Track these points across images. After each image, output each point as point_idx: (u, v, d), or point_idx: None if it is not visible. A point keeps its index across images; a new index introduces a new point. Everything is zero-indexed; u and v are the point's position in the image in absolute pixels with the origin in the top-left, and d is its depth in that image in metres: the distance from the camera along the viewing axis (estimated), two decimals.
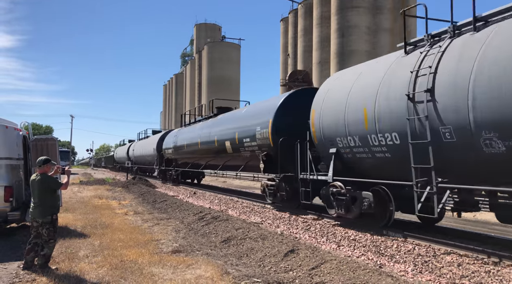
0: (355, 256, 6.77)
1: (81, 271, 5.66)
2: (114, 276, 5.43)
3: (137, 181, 25.25)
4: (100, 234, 8.37)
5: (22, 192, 8.61)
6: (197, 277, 5.38)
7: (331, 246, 7.50)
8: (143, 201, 15.65)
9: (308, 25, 51.35)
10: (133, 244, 7.33)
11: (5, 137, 8.04)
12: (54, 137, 9.67)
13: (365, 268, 5.44)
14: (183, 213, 11.76)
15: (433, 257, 6.35)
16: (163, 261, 6.16)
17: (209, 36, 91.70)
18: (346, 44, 38.65)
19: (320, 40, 45.54)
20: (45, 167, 6.01)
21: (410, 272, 5.79)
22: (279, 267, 6.09)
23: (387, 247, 7.10)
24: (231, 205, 13.77)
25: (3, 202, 7.76)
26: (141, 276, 5.39)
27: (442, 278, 5.47)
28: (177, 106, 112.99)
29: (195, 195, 17.90)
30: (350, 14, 38.76)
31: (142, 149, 34.75)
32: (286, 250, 6.68)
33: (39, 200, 5.84)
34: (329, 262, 5.81)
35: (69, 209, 12.26)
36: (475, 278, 5.39)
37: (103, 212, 11.84)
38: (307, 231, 8.97)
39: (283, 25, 64.66)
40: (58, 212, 6.08)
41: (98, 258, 6.39)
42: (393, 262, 6.33)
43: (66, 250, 6.96)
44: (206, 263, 6.06)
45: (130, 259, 6.24)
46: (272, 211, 11.76)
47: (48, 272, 5.56)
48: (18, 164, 8.61)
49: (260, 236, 7.82)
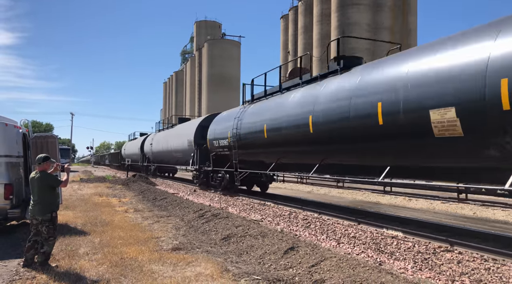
0: (355, 253, 6.78)
1: (81, 269, 5.66)
2: (114, 273, 5.43)
3: (137, 179, 25.28)
4: (100, 231, 8.37)
5: (22, 190, 8.61)
6: (197, 274, 5.38)
7: (331, 244, 7.51)
8: (143, 199, 15.66)
9: (309, 23, 51.28)
10: (133, 242, 7.34)
11: (5, 135, 8.03)
12: (54, 135, 9.66)
13: (364, 266, 5.44)
14: (183, 211, 11.77)
15: (432, 254, 6.35)
16: (163, 258, 6.17)
17: (209, 33, 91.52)
18: (346, 41, 38.59)
19: (321, 37, 45.49)
20: (45, 164, 6.01)
21: (409, 269, 5.79)
22: (279, 264, 6.10)
23: (387, 244, 7.10)
24: (231, 202, 13.77)
25: (3, 199, 7.76)
26: (141, 274, 5.39)
27: (441, 275, 5.47)
28: (177, 103, 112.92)
29: (195, 192, 17.92)
30: (351, 11, 38.73)
31: (166, 142, 26.32)
32: (286, 247, 6.68)
33: (38, 198, 5.83)
34: (329, 260, 5.82)
35: (69, 207, 12.26)
36: (474, 275, 5.39)
37: (103, 210, 11.84)
38: (307, 228, 8.98)
39: (283, 23, 64.57)
40: (57, 210, 6.07)
41: (98, 256, 6.40)
42: (393, 259, 6.34)
43: (66, 247, 6.96)
44: (206, 260, 6.06)
45: (130, 257, 6.24)
46: (272, 209, 11.76)
47: (48, 270, 5.57)
48: (18, 162, 8.61)
49: (260, 233, 7.82)
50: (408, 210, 12.97)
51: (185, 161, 22.34)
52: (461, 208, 13.16)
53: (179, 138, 23.08)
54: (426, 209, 13.33)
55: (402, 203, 14.90)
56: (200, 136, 19.45)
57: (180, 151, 22.85)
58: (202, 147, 18.77)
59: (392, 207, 13.77)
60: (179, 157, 23.30)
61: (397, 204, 14.64)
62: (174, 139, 24.27)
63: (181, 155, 22.85)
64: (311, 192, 20.32)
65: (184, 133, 22.28)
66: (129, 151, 42.56)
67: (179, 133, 23.82)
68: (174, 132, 25.81)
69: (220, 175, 17.08)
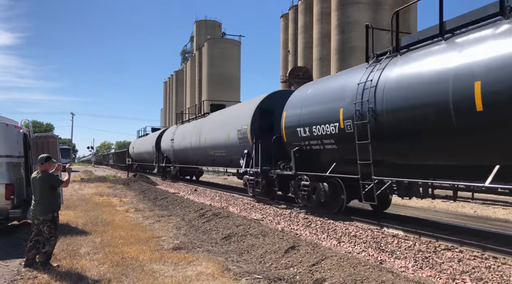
0: (356, 252, 6.78)
1: (83, 268, 5.67)
2: (115, 273, 5.44)
3: (138, 179, 25.31)
4: (101, 231, 8.39)
5: (23, 190, 8.62)
6: (198, 273, 5.39)
7: (331, 242, 7.51)
8: (144, 198, 15.68)
9: (309, 22, 51.23)
10: (134, 241, 7.35)
11: (6, 135, 8.05)
12: (54, 135, 9.66)
13: (365, 264, 5.44)
14: (184, 210, 11.78)
15: (433, 253, 6.36)
16: (164, 258, 6.18)
17: (209, 33, 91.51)
18: (346, 40, 38.58)
19: (321, 36, 45.45)
20: (46, 164, 6.03)
21: (410, 268, 5.80)
22: (280, 263, 6.11)
23: (388, 243, 7.11)
24: (231, 202, 13.78)
25: (4, 200, 7.77)
26: (142, 273, 5.40)
27: (442, 273, 5.47)
28: (177, 103, 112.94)
29: (196, 192, 17.92)
30: (351, 10, 38.67)
31: (197, 136, 19.88)
32: (287, 246, 6.69)
33: (40, 198, 5.85)
34: (330, 258, 5.82)
35: (70, 207, 12.28)
36: (475, 274, 5.39)
37: (104, 209, 11.86)
38: (307, 227, 8.99)
39: (283, 22, 64.52)
40: (59, 210, 6.09)
41: (99, 255, 6.41)
42: (393, 258, 6.34)
43: (68, 247, 6.97)
44: (207, 259, 6.08)
45: (131, 256, 6.25)
46: (273, 208, 11.77)
47: (49, 270, 5.58)
48: (19, 162, 8.62)
49: (261, 232, 7.83)
50: (408, 208, 12.97)
51: (229, 161, 16.61)
52: (461, 206, 13.17)
53: (220, 130, 16.80)
54: (427, 207, 13.34)
55: (403, 201, 14.89)
56: (260, 125, 14.14)
57: (222, 148, 16.68)
58: (264, 141, 13.14)
59: (393, 205, 13.77)
60: (220, 155, 17.20)
61: (398, 202, 14.65)
62: (211, 132, 18.01)
63: (223, 153, 16.78)
64: None
65: (230, 122, 15.88)
66: (139, 150, 36.26)
67: (220, 123, 17.33)
68: (211, 122, 18.87)
69: (308, 183, 11.01)
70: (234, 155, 15.36)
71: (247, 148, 14.06)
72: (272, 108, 13.68)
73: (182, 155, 23.10)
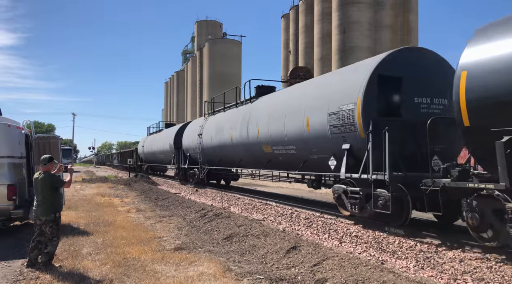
0: (357, 252, 6.79)
1: (85, 269, 5.69)
2: (117, 273, 5.46)
3: (139, 179, 25.34)
4: (103, 231, 8.41)
5: (25, 190, 8.65)
6: (199, 274, 5.41)
7: (333, 243, 7.52)
8: (145, 199, 15.70)
9: (309, 22, 51.26)
10: (136, 242, 7.37)
11: (8, 136, 8.07)
12: (56, 135, 9.68)
13: (367, 265, 5.45)
14: (185, 211, 11.80)
15: (434, 253, 6.35)
16: (166, 258, 6.20)
17: (210, 33, 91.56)
18: (347, 40, 38.60)
19: (321, 36, 45.47)
20: (49, 165, 6.06)
21: (412, 268, 5.80)
22: (281, 263, 6.12)
23: (389, 243, 7.10)
24: (233, 202, 13.79)
25: (7, 200, 7.79)
26: (144, 273, 5.42)
27: (444, 274, 5.48)
28: (178, 103, 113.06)
29: (197, 192, 17.94)
30: (351, 10, 38.68)
31: (241, 128, 14.45)
32: (288, 246, 6.70)
33: (42, 198, 5.87)
34: (331, 259, 5.83)
35: (72, 207, 12.30)
36: (477, 274, 5.39)
37: (105, 210, 11.88)
38: (309, 227, 8.99)
39: (284, 22, 64.52)
40: (61, 210, 6.11)
41: (101, 256, 6.43)
42: (395, 258, 6.35)
43: (70, 247, 7.00)
44: (208, 260, 6.09)
45: (133, 257, 6.27)
46: (274, 208, 11.74)
47: (51, 270, 5.60)
48: (21, 163, 8.64)
49: (262, 233, 7.84)
50: None
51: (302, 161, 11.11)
52: None
53: (289, 116, 11.37)
54: None
55: None
56: (378, 103, 9.13)
57: (290, 142, 11.38)
58: (390, 130, 8.58)
59: None
60: (284, 153, 11.92)
61: None
62: (270, 120, 12.47)
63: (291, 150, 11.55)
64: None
65: (312, 104, 10.39)
66: (151, 148, 30.70)
67: (287, 106, 11.76)
68: (269, 106, 13.22)
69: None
70: (315, 152, 10.28)
71: (349, 141, 8.83)
72: (399, 75, 8.46)
73: (215, 154, 17.77)
